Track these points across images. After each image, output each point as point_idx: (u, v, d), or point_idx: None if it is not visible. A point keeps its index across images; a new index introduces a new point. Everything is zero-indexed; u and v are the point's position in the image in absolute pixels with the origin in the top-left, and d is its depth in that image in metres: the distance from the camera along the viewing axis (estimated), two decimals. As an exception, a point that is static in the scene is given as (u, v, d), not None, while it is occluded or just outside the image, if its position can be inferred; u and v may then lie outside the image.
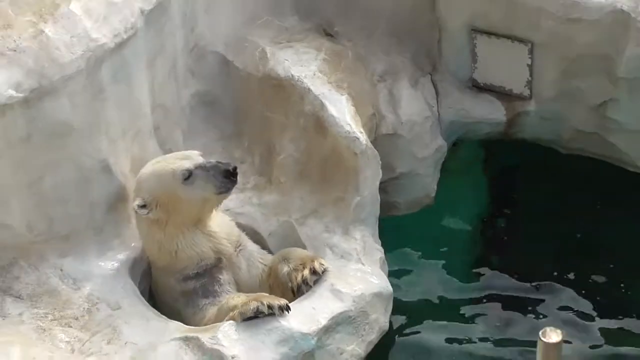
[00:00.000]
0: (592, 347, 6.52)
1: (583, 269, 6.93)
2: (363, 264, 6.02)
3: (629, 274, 6.66)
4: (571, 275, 6.93)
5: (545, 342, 2.27)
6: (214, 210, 5.94)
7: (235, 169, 5.65)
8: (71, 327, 5.48)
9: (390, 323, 6.15)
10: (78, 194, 5.81)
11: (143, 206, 5.63)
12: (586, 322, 6.64)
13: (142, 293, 5.96)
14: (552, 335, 2.44)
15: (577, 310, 6.70)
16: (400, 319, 6.52)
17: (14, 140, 5.43)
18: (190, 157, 5.75)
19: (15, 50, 5.40)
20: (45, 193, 5.71)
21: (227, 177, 5.63)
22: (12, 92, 5.28)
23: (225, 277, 5.90)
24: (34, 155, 5.54)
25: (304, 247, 6.26)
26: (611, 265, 6.88)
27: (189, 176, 5.57)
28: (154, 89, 6.22)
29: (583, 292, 6.81)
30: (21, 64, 5.37)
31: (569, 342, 6.26)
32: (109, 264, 5.88)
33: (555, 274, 6.95)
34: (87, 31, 5.61)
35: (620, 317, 6.71)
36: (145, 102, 6.14)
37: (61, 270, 5.73)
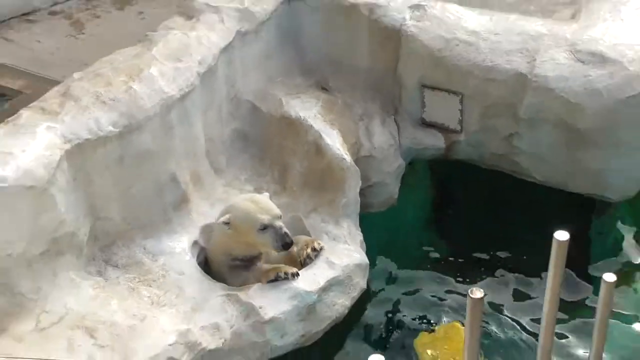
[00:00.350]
0: (511, 301, 6.65)
1: (502, 249, 7.05)
2: (348, 244, 6.30)
3: (533, 256, 6.49)
4: (493, 253, 7.05)
5: (472, 298, 2.29)
6: None
7: (291, 243, 5.78)
8: (151, 287, 5.70)
9: (368, 285, 6.33)
10: (155, 197, 6.06)
11: (226, 223, 5.78)
12: (505, 287, 6.76)
13: (199, 264, 6.11)
14: (477, 293, 2.60)
15: (499, 277, 6.82)
16: (375, 282, 6.65)
17: (112, 163, 5.72)
18: (271, 211, 5.78)
19: (113, 100, 5.70)
20: (133, 197, 5.94)
21: (284, 245, 5.74)
22: (111, 128, 5.61)
23: (261, 260, 6.08)
24: (125, 172, 5.80)
25: (308, 234, 6.44)
26: (520, 249, 6.98)
27: (264, 228, 5.69)
28: (206, 126, 6.46)
29: (502, 266, 6.91)
30: (117, 109, 5.67)
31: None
32: (176, 244, 6.06)
33: (483, 252, 7.06)
34: (162, 87, 5.91)
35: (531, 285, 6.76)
36: (200, 135, 6.39)
37: (144, 248, 5.98)
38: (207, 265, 6.23)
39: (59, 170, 5.36)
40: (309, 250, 6.09)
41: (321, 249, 6.14)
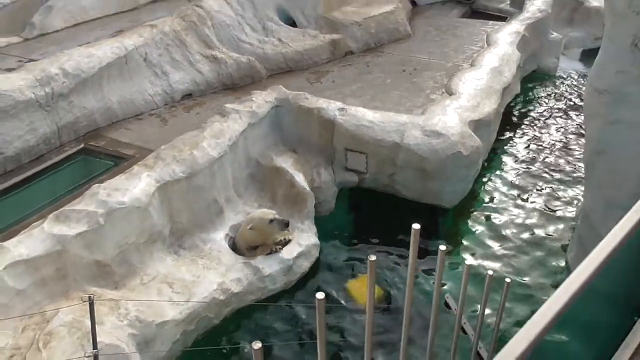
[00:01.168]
0: (393, 261, 6.44)
1: (390, 232, 6.70)
2: (308, 233, 6.32)
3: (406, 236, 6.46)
4: (385, 234, 6.74)
5: (370, 260, 2.03)
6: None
7: (288, 223, 5.77)
8: (203, 259, 5.72)
9: (319, 254, 6.32)
10: (206, 211, 6.06)
11: (251, 228, 5.80)
12: (389, 255, 6.53)
13: (229, 246, 6.07)
14: (372, 257, 2.52)
15: (390, 247, 6.59)
16: (323, 253, 6.45)
17: (182, 192, 5.78)
18: (272, 213, 5.79)
19: (183, 159, 5.78)
20: (194, 211, 5.90)
21: (286, 224, 5.77)
22: (181, 175, 5.72)
23: (261, 245, 5.95)
24: (189, 197, 5.86)
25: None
26: (397, 232, 6.57)
27: (271, 221, 5.74)
28: (233, 171, 6.46)
29: (389, 242, 6.65)
30: (185, 164, 5.78)
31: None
32: (217, 235, 6.06)
33: (380, 233, 6.80)
34: (209, 152, 5.99)
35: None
36: (229, 177, 6.40)
37: (200, 238, 5.95)
38: (234, 246, 6.18)
39: (153, 197, 5.52)
40: (283, 239, 6.07)
41: (289, 240, 6.09)
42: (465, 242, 6.93)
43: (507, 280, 1.71)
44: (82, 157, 6.77)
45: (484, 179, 7.90)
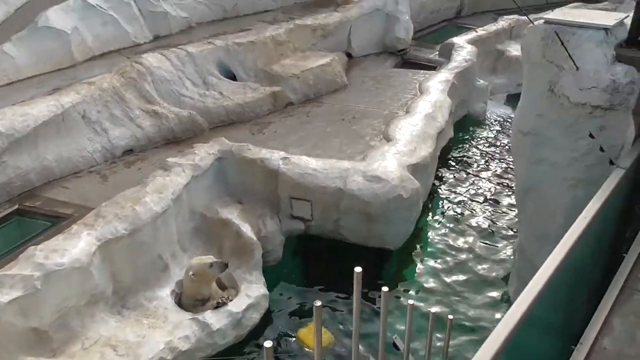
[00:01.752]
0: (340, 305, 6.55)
1: (336, 276, 6.40)
2: (257, 284, 6.23)
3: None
4: (332, 279, 6.76)
5: (316, 306, 1.79)
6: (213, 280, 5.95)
7: (227, 264, 5.84)
8: (148, 318, 5.55)
9: (269, 305, 6.25)
10: (150, 267, 5.90)
11: (193, 274, 5.72)
12: (339, 299, 6.58)
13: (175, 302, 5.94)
14: (317, 302, 2.41)
15: (337, 292, 6.66)
16: (272, 303, 6.42)
17: (125, 249, 5.58)
18: (211, 258, 5.83)
19: (125, 216, 5.62)
20: (137, 268, 5.76)
21: (225, 266, 5.79)
22: (123, 232, 5.55)
23: (209, 300, 5.92)
24: (133, 254, 5.68)
25: (234, 281, 6.27)
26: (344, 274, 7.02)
27: (211, 265, 5.71)
28: (177, 226, 6.33)
29: (334, 288, 6.68)
30: (127, 221, 5.62)
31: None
32: (162, 292, 5.90)
33: (329, 278, 6.85)
34: (152, 207, 5.88)
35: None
36: (174, 231, 6.26)
37: (144, 296, 5.77)
38: (180, 302, 6.02)
39: (94, 256, 5.34)
40: (223, 299, 5.94)
41: (229, 299, 5.98)
42: (410, 282, 7.05)
43: (450, 317, 1.76)
44: (16, 218, 6.55)
45: (426, 220, 8.14)
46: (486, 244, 7.73)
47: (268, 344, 0.84)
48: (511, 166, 9.50)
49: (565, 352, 2.79)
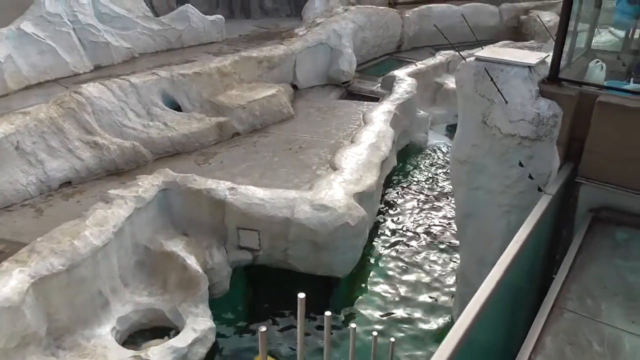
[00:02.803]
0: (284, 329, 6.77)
1: (286, 302, 6.79)
2: (203, 317, 6.12)
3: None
4: (281, 304, 6.86)
5: (261, 332, 1.69)
6: None
7: None
8: (85, 358, 5.33)
9: (216, 339, 6.17)
10: (89, 304, 5.71)
11: None
12: (286, 323, 6.78)
13: None
14: (262, 328, 2.38)
15: (284, 318, 6.69)
16: (220, 337, 6.39)
17: (61, 287, 5.39)
18: None
19: (62, 251, 5.43)
20: (75, 305, 5.55)
21: None
22: (60, 267, 5.38)
23: None
24: (70, 291, 5.48)
25: (180, 316, 6.14)
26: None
27: None
28: (119, 259, 6.17)
29: (283, 313, 6.79)
30: (65, 256, 5.42)
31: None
32: (102, 330, 5.70)
33: (276, 307, 6.87)
34: (92, 241, 5.72)
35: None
36: (115, 265, 6.10)
37: (82, 335, 5.56)
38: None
39: (27, 295, 5.12)
40: None
41: None
42: (357, 308, 7.16)
43: (392, 339, 1.83)
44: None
45: (373, 247, 8.31)
46: (430, 268, 7.96)
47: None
48: (452, 193, 9.90)
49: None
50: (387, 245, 8.49)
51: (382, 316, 7.01)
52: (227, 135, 9.63)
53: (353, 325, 1.88)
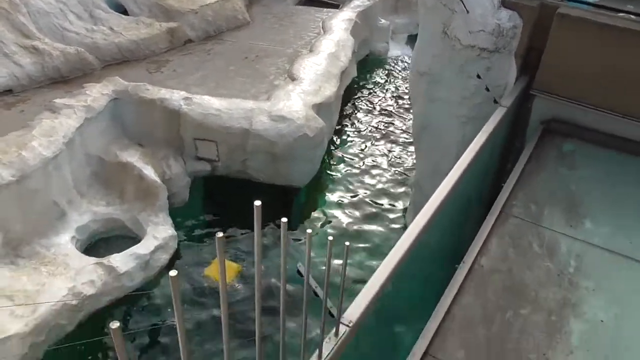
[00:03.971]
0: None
1: (241, 214, 7.21)
2: (164, 225, 6.17)
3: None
4: (239, 216, 6.96)
5: (218, 238, 1.70)
6: None
7: None
8: (47, 265, 5.34)
9: (177, 245, 6.26)
10: (45, 215, 5.66)
11: None
12: (248, 244, 6.97)
13: None
14: (219, 234, 2.44)
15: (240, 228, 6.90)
16: (181, 244, 6.41)
17: (13, 198, 5.29)
18: None
19: (10, 162, 5.30)
20: (30, 216, 5.48)
21: None
22: (10, 178, 5.24)
23: None
24: (23, 202, 5.41)
25: (141, 225, 6.18)
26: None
27: None
28: (72, 171, 6.06)
29: (241, 222, 7.10)
30: (14, 167, 5.28)
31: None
32: (60, 239, 5.68)
33: (236, 217, 6.87)
34: (41, 152, 5.60)
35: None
36: (69, 177, 5.99)
37: (40, 244, 5.52)
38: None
39: (-21, 205, 4.89)
40: None
41: None
42: (315, 216, 7.42)
43: (347, 244, 1.94)
44: None
45: (331, 157, 8.43)
46: (387, 179, 8.23)
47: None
48: (410, 104, 10.01)
49: (450, 271, 3.18)
50: (345, 155, 8.64)
51: (338, 224, 7.29)
52: (179, 42, 9.20)
53: (309, 230, 1.96)
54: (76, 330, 5.21)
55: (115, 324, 1.03)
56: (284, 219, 1.88)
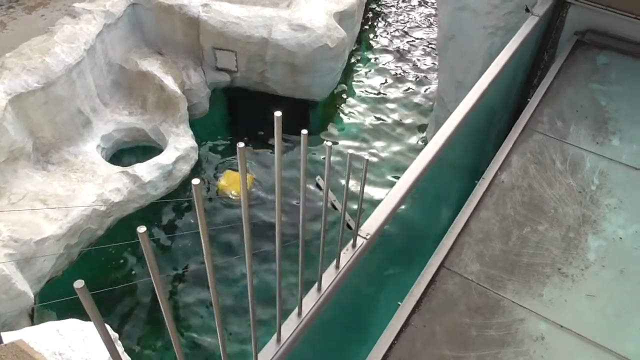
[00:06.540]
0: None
1: (263, 123, 6.82)
2: (185, 137, 6.16)
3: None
4: (260, 126, 6.93)
5: (239, 148, 1.71)
6: None
7: None
8: (76, 172, 5.43)
9: (199, 157, 6.27)
10: (71, 122, 5.64)
11: None
12: (268, 156, 7.00)
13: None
14: (241, 144, 2.45)
15: (263, 135, 6.98)
16: (202, 154, 6.51)
17: (40, 104, 5.27)
18: None
19: (35, 68, 5.20)
20: (57, 123, 5.49)
21: None
22: (36, 85, 5.18)
23: None
24: (49, 109, 5.39)
25: (162, 135, 6.19)
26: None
27: None
28: (95, 79, 5.97)
29: (264, 128, 6.97)
30: (38, 74, 5.20)
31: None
32: (87, 147, 5.73)
33: (256, 126, 6.91)
34: (64, 59, 5.47)
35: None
36: (92, 84, 5.92)
37: (68, 151, 5.60)
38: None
39: (6, 111, 4.98)
40: None
41: None
42: (335, 130, 7.30)
43: (366, 157, 1.85)
44: None
45: (352, 71, 8.11)
46: (409, 92, 7.94)
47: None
48: (436, 12, 9.44)
49: (470, 188, 3.09)
50: (366, 67, 8.31)
51: (357, 138, 7.17)
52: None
53: (329, 143, 1.85)
54: (106, 234, 5.38)
55: (142, 229, 0.99)
56: (304, 131, 1.77)
